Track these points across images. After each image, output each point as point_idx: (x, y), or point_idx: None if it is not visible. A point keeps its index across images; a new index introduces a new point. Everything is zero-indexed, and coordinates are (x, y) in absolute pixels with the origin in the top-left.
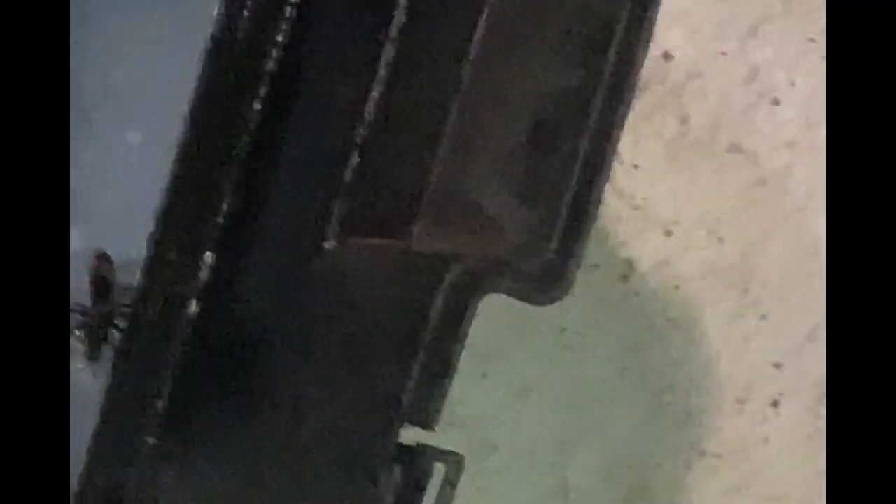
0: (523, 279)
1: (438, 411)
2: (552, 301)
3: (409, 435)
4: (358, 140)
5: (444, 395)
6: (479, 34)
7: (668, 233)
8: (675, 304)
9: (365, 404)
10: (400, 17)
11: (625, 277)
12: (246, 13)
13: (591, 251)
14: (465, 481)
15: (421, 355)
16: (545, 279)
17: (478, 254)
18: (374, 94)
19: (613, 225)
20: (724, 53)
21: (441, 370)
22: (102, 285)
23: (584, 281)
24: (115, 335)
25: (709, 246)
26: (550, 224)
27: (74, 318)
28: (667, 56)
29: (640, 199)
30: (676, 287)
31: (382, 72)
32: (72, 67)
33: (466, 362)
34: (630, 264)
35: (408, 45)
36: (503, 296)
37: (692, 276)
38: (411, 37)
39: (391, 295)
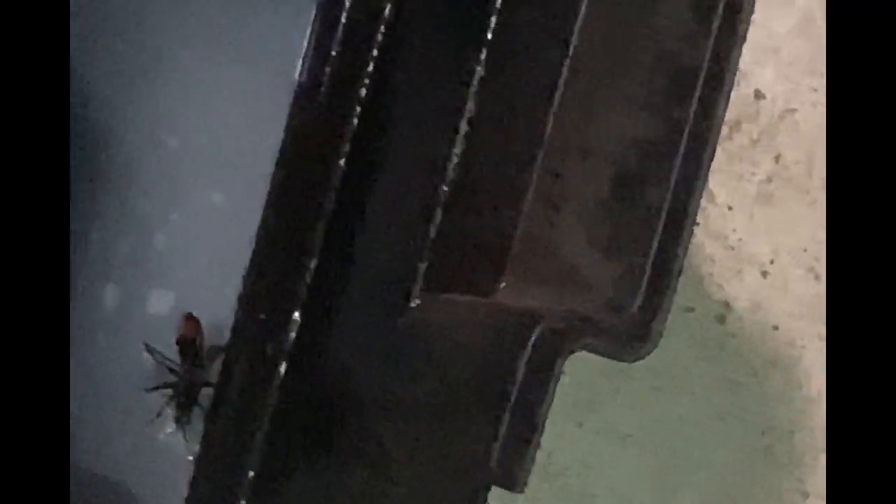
0: (609, 336)
1: (527, 472)
2: (639, 358)
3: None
4: (441, 196)
5: (532, 456)
6: (560, 86)
7: (765, 273)
8: (773, 344)
9: (452, 465)
10: (480, 71)
11: (721, 319)
12: (328, 73)
13: (686, 294)
14: None
15: (508, 415)
16: (631, 335)
17: (563, 310)
18: (457, 149)
19: (708, 266)
20: (815, 90)
21: (528, 430)
22: (191, 347)
23: (680, 324)
24: (204, 397)
25: (806, 284)
26: (635, 279)
27: (163, 377)
28: (758, 94)
29: (734, 239)
30: (775, 327)
31: (464, 127)
32: (155, 129)
33: (562, 411)
34: (726, 305)
35: (489, 99)
36: None
37: (790, 316)
38: (492, 91)
39: (477, 352)
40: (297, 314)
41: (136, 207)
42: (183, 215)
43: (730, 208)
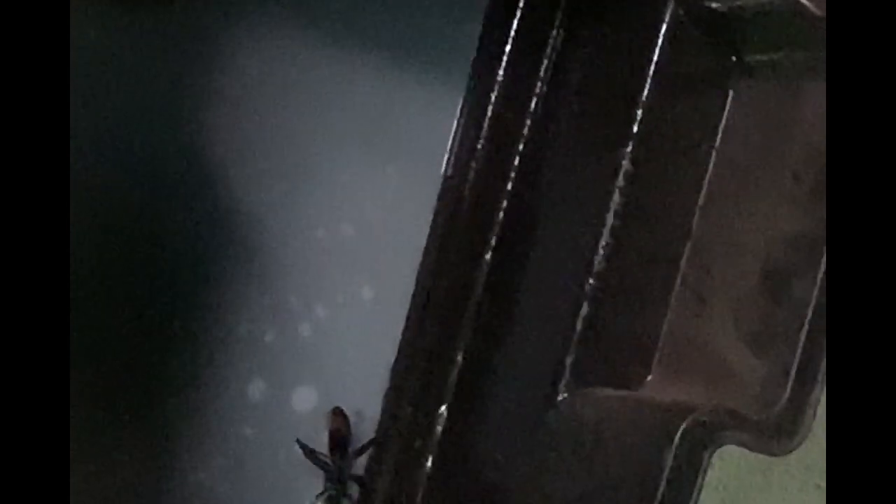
0: (757, 430)
1: None
2: (786, 452)
3: None
4: (588, 290)
5: None
6: (707, 180)
7: None
8: None
9: None
10: (627, 164)
11: None
12: (475, 168)
13: None
14: None
15: None
16: (779, 429)
17: (711, 404)
18: (604, 242)
19: None
20: None
21: None
22: (339, 441)
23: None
24: (354, 489)
25: None
26: (783, 372)
27: (310, 464)
28: None
29: None
30: None
31: (611, 220)
32: (303, 222)
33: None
34: None
35: (636, 192)
36: None
37: None
38: (640, 184)
39: (625, 447)
40: (443, 408)
41: (283, 300)
42: (331, 309)
43: None
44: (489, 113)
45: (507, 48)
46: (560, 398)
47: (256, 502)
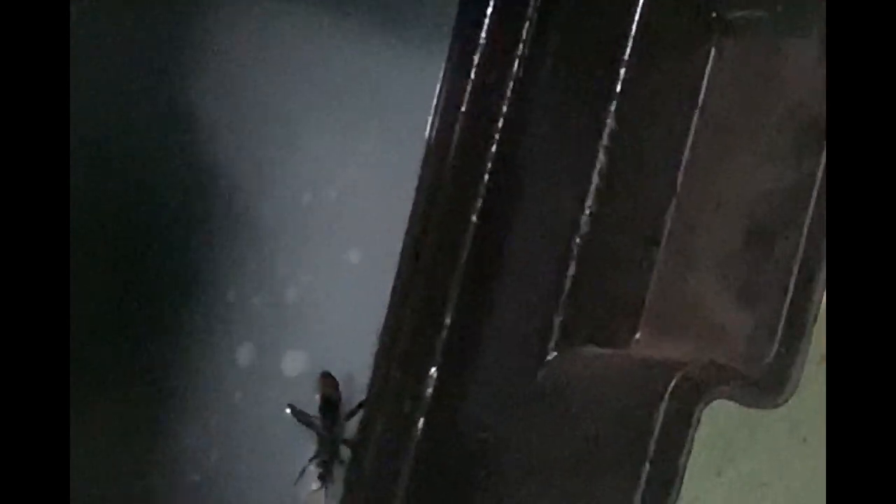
0: (746, 384)
1: None
2: (776, 405)
3: None
4: (575, 250)
5: None
6: (691, 139)
7: None
8: None
9: None
10: (611, 124)
11: None
12: (458, 130)
13: (821, 342)
14: None
15: (648, 465)
16: (768, 383)
17: (700, 360)
18: (589, 202)
19: None
20: None
21: (667, 483)
22: (329, 405)
23: (816, 373)
24: (345, 453)
25: None
26: (771, 327)
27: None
28: None
29: None
30: None
31: (596, 180)
32: (288, 187)
33: (701, 460)
34: None
35: (620, 153)
36: None
37: None
38: (623, 145)
39: (614, 406)
40: (433, 371)
41: (270, 265)
42: (318, 274)
43: None
44: (472, 76)
45: (489, 10)
46: (549, 358)
47: (249, 468)
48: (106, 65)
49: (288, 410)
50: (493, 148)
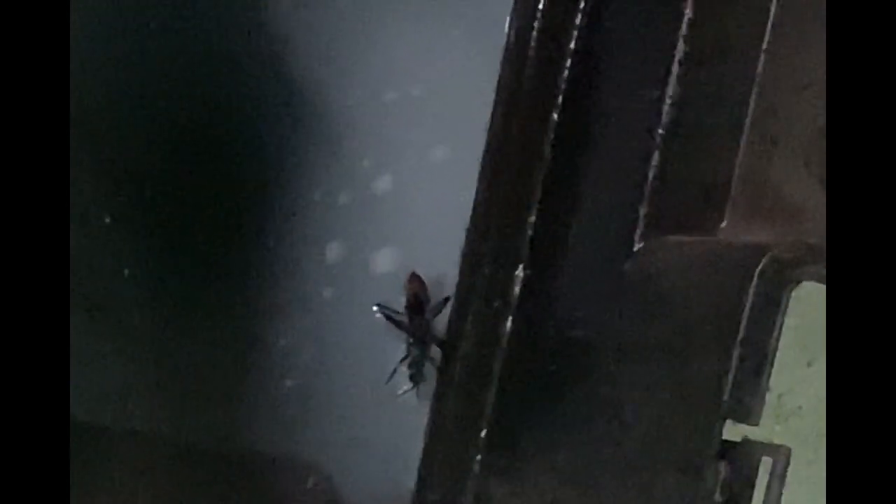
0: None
1: (760, 405)
2: None
3: (735, 430)
4: (658, 139)
5: (763, 390)
6: (770, 22)
7: None
8: None
9: (685, 403)
10: (689, 13)
11: None
12: (537, 26)
13: None
14: (797, 472)
15: (737, 350)
16: None
17: (786, 242)
18: (670, 91)
19: None
20: None
21: (759, 364)
22: (416, 304)
23: None
24: (435, 352)
25: None
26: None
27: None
28: None
29: None
30: None
31: (676, 69)
32: (371, 86)
33: (791, 352)
34: None
35: (699, 40)
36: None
37: None
38: (702, 32)
39: (703, 291)
40: (520, 268)
41: (356, 164)
42: (404, 173)
43: None
44: None
45: None
46: (636, 248)
47: (340, 367)
48: None
49: (376, 310)
50: (572, 44)
